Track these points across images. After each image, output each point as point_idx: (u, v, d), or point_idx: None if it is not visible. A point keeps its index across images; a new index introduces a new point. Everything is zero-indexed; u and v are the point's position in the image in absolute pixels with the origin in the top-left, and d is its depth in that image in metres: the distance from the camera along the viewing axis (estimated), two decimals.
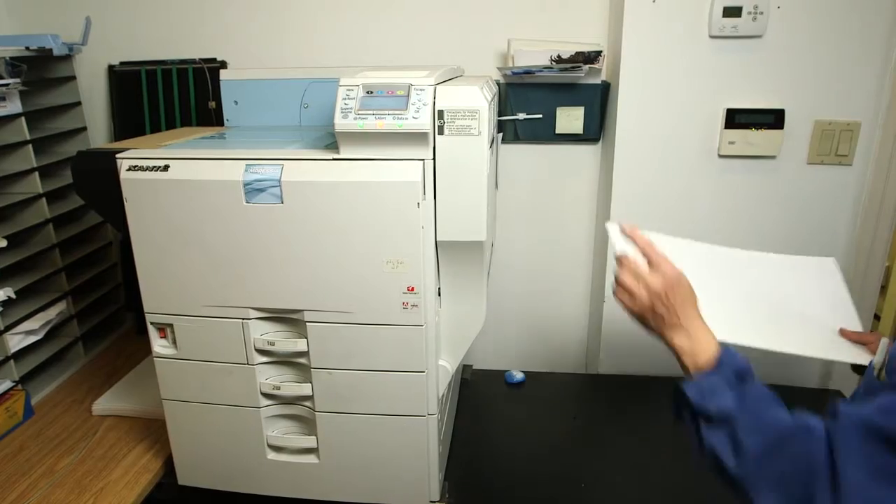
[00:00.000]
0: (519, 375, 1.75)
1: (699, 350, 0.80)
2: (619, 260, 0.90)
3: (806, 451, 0.68)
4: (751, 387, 0.76)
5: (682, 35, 1.48)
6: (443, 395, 1.26)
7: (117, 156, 1.14)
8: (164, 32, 1.75)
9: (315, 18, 1.71)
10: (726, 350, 0.80)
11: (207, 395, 1.25)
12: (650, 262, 0.87)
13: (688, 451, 1.43)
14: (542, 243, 1.80)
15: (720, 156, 1.56)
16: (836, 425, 0.68)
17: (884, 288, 1.64)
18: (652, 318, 0.85)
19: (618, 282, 0.88)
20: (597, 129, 1.66)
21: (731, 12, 1.44)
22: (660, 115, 1.55)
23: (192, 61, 1.73)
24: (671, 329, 0.83)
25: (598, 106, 1.63)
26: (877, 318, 1.77)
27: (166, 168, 1.11)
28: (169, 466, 1.34)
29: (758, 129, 1.51)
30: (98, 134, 1.84)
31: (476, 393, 1.71)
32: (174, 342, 1.22)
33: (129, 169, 1.12)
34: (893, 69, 1.45)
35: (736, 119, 1.51)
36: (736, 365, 0.77)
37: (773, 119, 1.50)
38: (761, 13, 1.43)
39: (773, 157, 1.55)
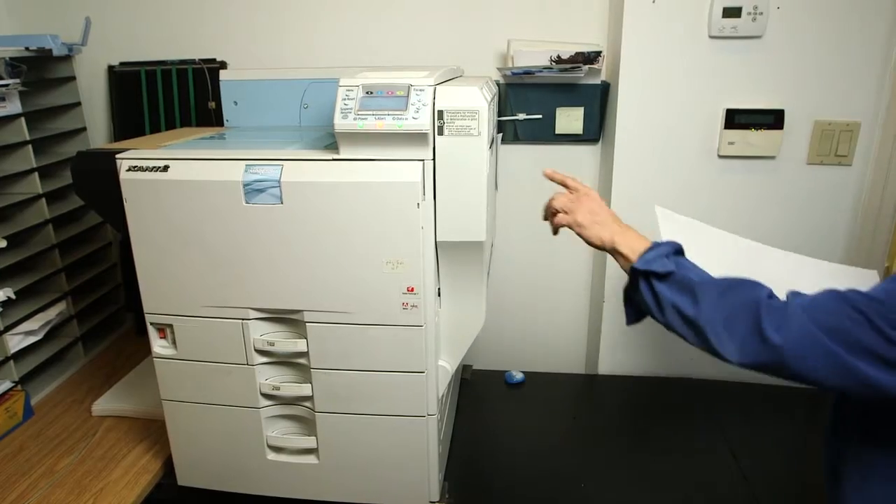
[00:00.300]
0: (519, 375, 1.75)
1: (635, 242, 0.92)
2: (553, 196, 1.02)
3: (754, 293, 0.77)
4: (686, 259, 0.87)
5: (681, 35, 1.48)
6: (442, 396, 1.26)
7: (117, 156, 1.14)
8: (163, 33, 1.75)
9: (315, 18, 1.71)
10: (658, 241, 0.91)
11: (207, 396, 1.25)
12: (574, 189, 1.02)
13: (686, 450, 1.43)
14: (541, 244, 1.80)
15: (720, 156, 1.56)
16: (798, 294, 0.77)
17: None
18: (592, 221, 0.97)
19: (553, 209, 1.01)
20: (596, 129, 1.66)
21: (731, 13, 1.44)
22: (659, 115, 1.55)
23: (192, 62, 1.73)
24: (611, 231, 0.95)
25: (598, 106, 1.63)
26: None
27: (166, 168, 1.11)
28: (168, 467, 1.34)
29: (757, 129, 1.51)
30: (98, 134, 1.84)
31: (476, 393, 1.71)
32: (174, 342, 1.22)
33: (128, 169, 1.12)
34: (893, 69, 1.45)
35: (735, 119, 1.51)
36: (671, 245, 0.89)
37: (772, 119, 1.51)
38: (761, 13, 1.43)
39: (772, 158, 1.55)
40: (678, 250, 0.89)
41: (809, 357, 0.72)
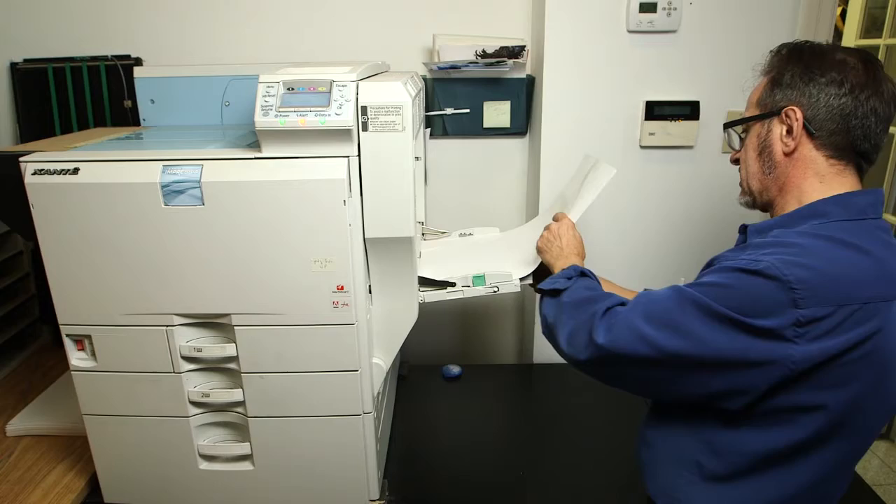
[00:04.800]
0: (456, 369, 1.76)
1: (565, 266, 1.09)
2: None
3: (595, 307, 0.91)
4: (583, 279, 1.02)
5: (601, 29, 1.52)
6: (378, 393, 1.25)
7: (21, 159, 1.07)
8: (72, 28, 1.66)
9: (236, 12, 1.66)
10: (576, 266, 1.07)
11: (132, 408, 1.20)
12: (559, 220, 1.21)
13: (624, 433, 1.47)
14: None
15: (641, 146, 1.61)
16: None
17: None
18: (547, 248, 1.16)
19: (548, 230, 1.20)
20: (523, 122, 1.69)
21: (647, 8, 1.49)
22: (583, 107, 1.59)
23: (104, 58, 1.65)
24: (560, 258, 1.13)
25: (524, 100, 1.66)
26: None
27: (76, 171, 1.06)
28: (94, 485, 1.27)
29: (675, 120, 1.57)
30: (1, 137, 1.73)
31: (413, 388, 1.71)
32: (93, 354, 1.16)
33: (34, 173, 1.06)
34: None
35: (655, 111, 1.57)
36: (578, 269, 1.05)
37: (689, 111, 1.57)
38: (675, 9, 1.49)
39: (690, 147, 1.61)
40: (582, 272, 1.04)
41: (629, 349, 0.83)
